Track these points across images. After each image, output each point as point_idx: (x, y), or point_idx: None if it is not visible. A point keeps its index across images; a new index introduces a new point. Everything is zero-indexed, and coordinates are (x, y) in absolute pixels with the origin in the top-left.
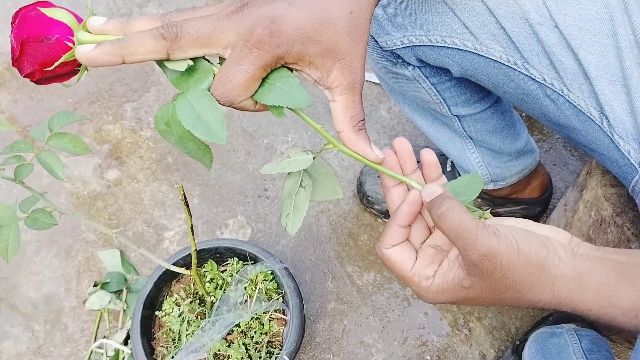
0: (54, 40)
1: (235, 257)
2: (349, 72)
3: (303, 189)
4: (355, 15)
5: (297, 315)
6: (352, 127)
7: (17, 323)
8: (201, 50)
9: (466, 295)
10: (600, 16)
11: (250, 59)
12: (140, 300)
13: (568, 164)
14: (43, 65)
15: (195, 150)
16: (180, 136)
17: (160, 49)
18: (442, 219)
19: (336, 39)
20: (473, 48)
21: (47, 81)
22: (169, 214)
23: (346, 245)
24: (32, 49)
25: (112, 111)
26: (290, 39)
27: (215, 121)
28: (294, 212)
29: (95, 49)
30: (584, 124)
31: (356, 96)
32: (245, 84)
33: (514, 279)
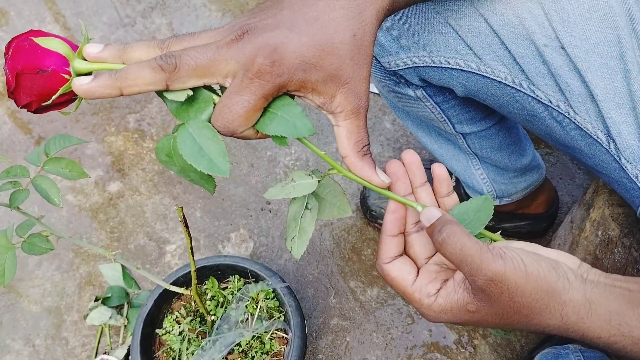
0: (49, 72)
1: (237, 275)
2: (353, 96)
3: (309, 211)
4: (358, 39)
5: (299, 334)
6: (356, 153)
7: (18, 337)
8: (201, 80)
9: (471, 318)
10: (608, 38)
11: (252, 89)
12: (140, 319)
13: (575, 177)
14: (40, 96)
15: (198, 179)
16: (183, 167)
17: (159, 81)
18: (444, 246)
19: (339, 63)
20: (477, 69)
21: (45, 110)
22: (170, 227)
23: (349, 260)
24: (28, 80)
25: (114, 122)
26: (292, 68)
27: (217, 153)
28: (300, 235)
29: (92, 82)
30: (591, 147)
31: (361, 121)
32: (246, 115)
33: (521, 303)
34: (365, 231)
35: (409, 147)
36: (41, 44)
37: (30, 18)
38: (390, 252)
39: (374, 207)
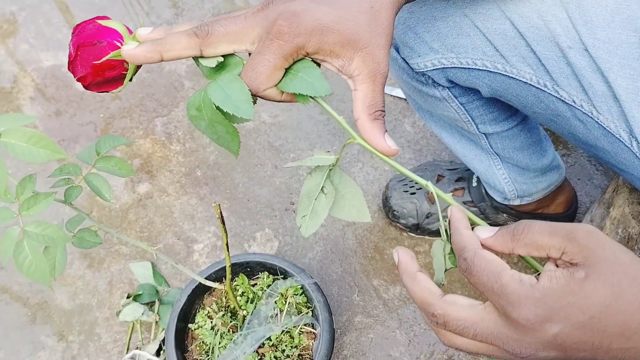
0: (105, 44)
1: (266, 272)
2: (370, 61)
3: (324, 195)
4: (375, 10)
5: (327, 329)
6: (368, 115)
7: (52, 333)
8: (230, 46)
9: (580, 292)
10: (630, 40)
11: (272, 49)
12: (175, 313)
13: (593, 178)
14: (95, 68)
15: (224, 134)
16: (211, 119)
17: (193, 46)
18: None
19: (356, 29)
20: (503, 70)
21: (96, 87)
22: (198, 226)
23: (372, 259)
24: (86, 52)
25: (142, 126)
26: (308, 29)
27: (243, 99)
28: (311, 217)
29: (138, 47)
30: (613, 145)
31: (377, 86)
32: (268, 73)
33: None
34: (387, 231)
35: (429, 149)
36: (102, 24)
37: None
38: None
39: (396, 207)
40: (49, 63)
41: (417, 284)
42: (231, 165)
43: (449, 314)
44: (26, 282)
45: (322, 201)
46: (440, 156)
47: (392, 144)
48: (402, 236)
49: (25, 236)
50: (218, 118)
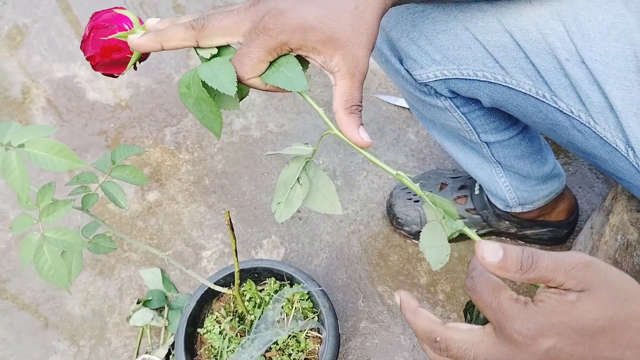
0: (115, 27)
1: (273, 277)
2: (350, 58)
3: (300, 185)
4: (360, 10)
5: (333, 334)
6: (344, 109)
7: (64, 338)
8: (223, 38)
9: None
10: (625, 52)
11: (257, 43)
12: (184, 318)
13: (594, 186)
14: (103, 49)
15: (208, 113)
16: (197, 97)
17: (190, 37)
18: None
19: (339, 28)
20: (503, 81)
21: (103, 68)
22: (206, 234)
23: (377, 265)
24: (98, 33)
25: (152, 135)
26: (292, 27)
27: (228, 80)
28: (286, 204)
29: (141, 37)
30: (610, 154)
31: (355, 82)
32: (252, 64)
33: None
34: (392, 238)
35: (432, 157)
36: (118, 12)
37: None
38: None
39: (400, 215)
40: (61, 74)
41: (419, 316)
42: (239, 173)
43: (451, 337)
44: (38, 289)
45: (297, 191)
46: (443, 165)
47: (365, 136)
48: (406, 243)
49: (45, 241)
50: (204, 96)
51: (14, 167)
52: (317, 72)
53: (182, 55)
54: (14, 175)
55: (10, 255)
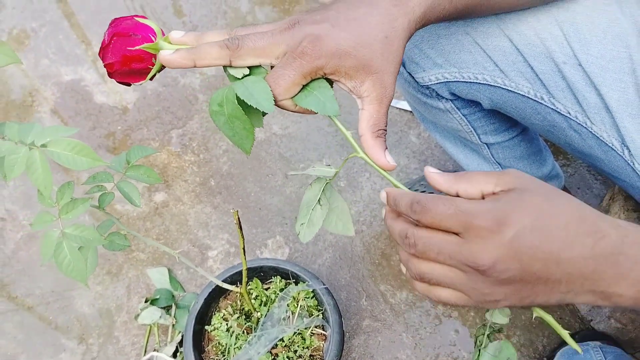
0: (139, 37)
1: (278, 276)
2: (379, 85)
3: (320, 206)
4: (389, 40)
5: (337, 330)
6: (371, 133)
7: (73, 337)
8: (257, 59)
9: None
10: (621, 55)
11: (294, 66)
12: (192, 316)
13: (592, 187)
14: (124, 57)
15: (240, 130)
16: (230, 114)
17: (224, 56)
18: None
19: (371, 56)
20: (503, 84)
21: (120, 76)
22: (212, 234)
23: (379, 265)
24: (120, 42)
25: (159, 137)
26: (329, 53)
27: (265, 97)
28: (308, 225)
29: (174, 54)
30: (607, 154)
31: (382, 108)
32: (286, 86)
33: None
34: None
35: (434, 159)
36: (140, 21)
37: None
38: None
39: None
40: (69, 77)
41: (398, 220)
42: (243, 175)
43: (419, 235)
44: (47, 288)
45: (317, 212)
46: (444, 166)
47: (390, 160)
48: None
49: (65, 238)
50: (237, 113)
51: (38, 166)
52: None
53: None
54: (38, 174)
55: (19, 256)
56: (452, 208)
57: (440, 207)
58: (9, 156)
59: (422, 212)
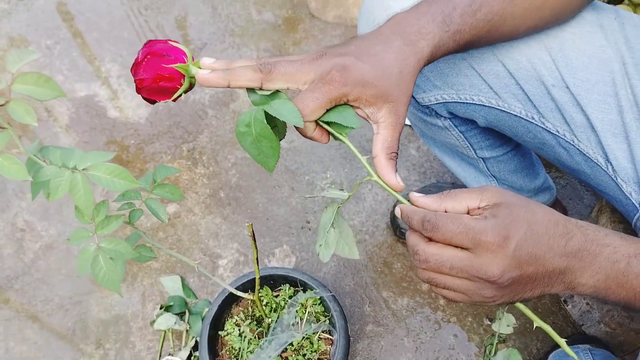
0: (172, 58)
1: (287, 284)
2: (394, 113)
3: (333, 229)
4: (403, 74)
5: (343, 335)
6: (385, 155)
7: (90, 342)
8: (286, 84)
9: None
10: (604, 79)
11: (322, 91)
12: (207, 322)
13: (583, 198)
14: (155, 76)
15: (267, 149)
16: (259, 134)
17: (256, 79)
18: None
19: (388, 87)
20: (497, 105)
21: (148, 92)
22: (222, 243)
23: (381, 272)
24: (153, 61)
25: (170, 151)
26: (354, 82)
27: (294, 114)
28: (325, 246)
29: (210, 74)
30: (593, 169)
31: (396, 133)
32: (314, 108)
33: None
34: (395, 247)
35: (433, 171)
36: (173, 44)
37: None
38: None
39: (403, 225)
40: (83, 93)
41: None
42: (251, 187)
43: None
44: (66, 296)
45: (332, 234)
46: (443, 178)
47: (400, 181)
48: (408, 252)
49: (101, 251)
50: (266, 132)
51: (80, 188)
52: None
53: None
54: (80, 195)
55: (38, 265)
56: (461, 226)
57: (450, 225)
58: (54, 179)
59: (433, 230)
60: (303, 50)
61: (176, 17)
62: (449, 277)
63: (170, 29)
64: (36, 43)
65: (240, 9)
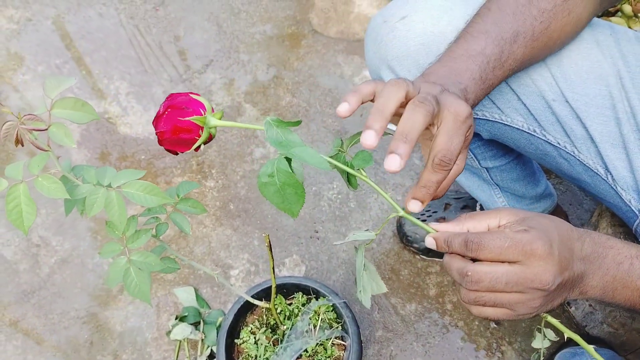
0: (190, 110)
1: (300, 292)
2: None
3: (365, 272)
4: None
5: (356, 340)
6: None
7: (107, 353)
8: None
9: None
10: (602, 93)
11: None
12: (224, 330)
13: (583, 203)
14: (175, 127)
15: (291, 196)
16: (283, 183)
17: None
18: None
19: None
20: (500, 119)
21: (168, 144)
22: (233, 254)
23: (389, 279)
24: (173, 114)
25: (180, 165)
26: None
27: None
28: (363, 291)
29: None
30: (593, 179)
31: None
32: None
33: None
34: (402, 254)
35: None
36: (193, 97)
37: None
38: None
39: (410, 233)
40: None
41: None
42: (260, 199)
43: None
44: (82, 309)
45: (365, 278)
46: None
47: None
48: (415, 259)
49: (131, 264)
50: (291, 180)
51: (114, 204)
52: (328, 104)
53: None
54: (114, 211)
55: (54, 279)
56: (507, 241)
57: (497, 241)
58: (89, 196)
59: (479, 250)
60: (307, 65)
61: (182, 35)
62: (498, 294)
63: (177, 47)
64: (46, 62)
65: (245, 26)
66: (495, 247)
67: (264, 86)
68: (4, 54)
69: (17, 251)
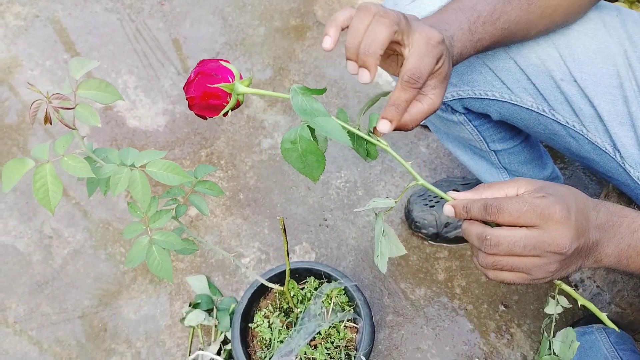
0: (219, 77)
1: (312, 276)
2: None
3: (384, 237)
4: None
5: (368, 322)
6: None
7: (121, 341)
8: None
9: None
10: (610, 72)
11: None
12: (238, 315)
13: (588, 187)
14: (204, 94)
15: (312, 162)
16: (305, 150)
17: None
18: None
19: None
20: (509, 99)
21: (198, 109)
22: (244, 243)
23: (399, 265)
24: (203, 79)
25: (189, 156)
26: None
27: (336, 131)
28: (380, 257)
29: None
30: (601, 157)
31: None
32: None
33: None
34: (410, 240)
35: (443, 167)
36: (223, 64)
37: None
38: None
39: (418, 219)
40: (102, 105)
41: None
42: (269, 188)
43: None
44: (95, 298)
45: (383, 243)
46: (453, 173)
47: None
48: (423, 244)
49: (154, 243)
50: (312, 148)
51: (138, 183)
52: (334, 94)
53: None
54: (138, 189)
55: (67, 270)
56: (526, 205)
57: (515, 205)
58: (114, 176)
59: (498, 213)
60: (312, 56)
61: (188, 29)
62: (516, 258)
63: (183, 41)
64: (53, 57)
65: (250, 19)
66: (514, 211)
67: (270, 78)
68: (13, 50)
69: (29, 243)
